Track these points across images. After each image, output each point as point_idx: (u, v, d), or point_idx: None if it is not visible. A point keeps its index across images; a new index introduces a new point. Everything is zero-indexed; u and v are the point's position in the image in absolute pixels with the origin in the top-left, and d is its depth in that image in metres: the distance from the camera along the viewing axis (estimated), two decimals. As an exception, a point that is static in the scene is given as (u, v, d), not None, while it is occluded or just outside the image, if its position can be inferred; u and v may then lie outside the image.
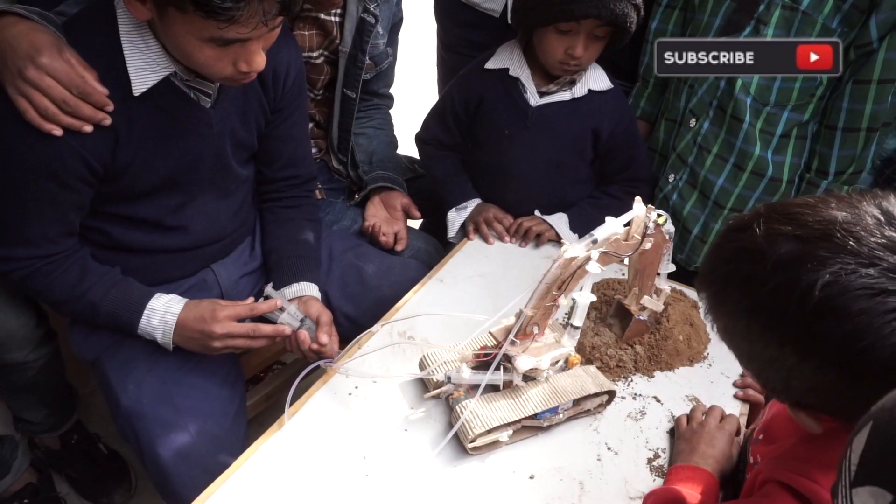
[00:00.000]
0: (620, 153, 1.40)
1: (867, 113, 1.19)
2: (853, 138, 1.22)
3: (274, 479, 0.87)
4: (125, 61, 0.95)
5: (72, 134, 0.93)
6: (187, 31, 0.88)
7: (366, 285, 1.34)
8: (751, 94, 1.23)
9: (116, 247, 1.12)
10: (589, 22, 1.20)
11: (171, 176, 1.08)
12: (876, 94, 1.17)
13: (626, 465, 0.94)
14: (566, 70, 1.29)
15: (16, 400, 1.40)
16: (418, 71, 2.46)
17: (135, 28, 0.95)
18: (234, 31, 0.86)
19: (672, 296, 1.23)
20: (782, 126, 1.25)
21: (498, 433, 0.90)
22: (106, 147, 0.98)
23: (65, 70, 0.89)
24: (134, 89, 0.96)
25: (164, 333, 1.07)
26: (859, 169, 1.25)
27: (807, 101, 1.23)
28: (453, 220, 1.42)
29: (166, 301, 1.08)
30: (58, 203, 1.00)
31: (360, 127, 1.59)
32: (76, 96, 0.90)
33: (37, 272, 1.04)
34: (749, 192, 1.30)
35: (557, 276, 0.87)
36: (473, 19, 1.72)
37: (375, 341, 1.09)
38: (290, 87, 1.19)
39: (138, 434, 1.08)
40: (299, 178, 1.31)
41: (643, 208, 0.95)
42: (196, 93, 1.04)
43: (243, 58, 0.92)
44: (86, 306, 1.07)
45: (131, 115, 0.98)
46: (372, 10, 1.40)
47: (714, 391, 1.08)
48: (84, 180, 0.99)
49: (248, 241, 1.34)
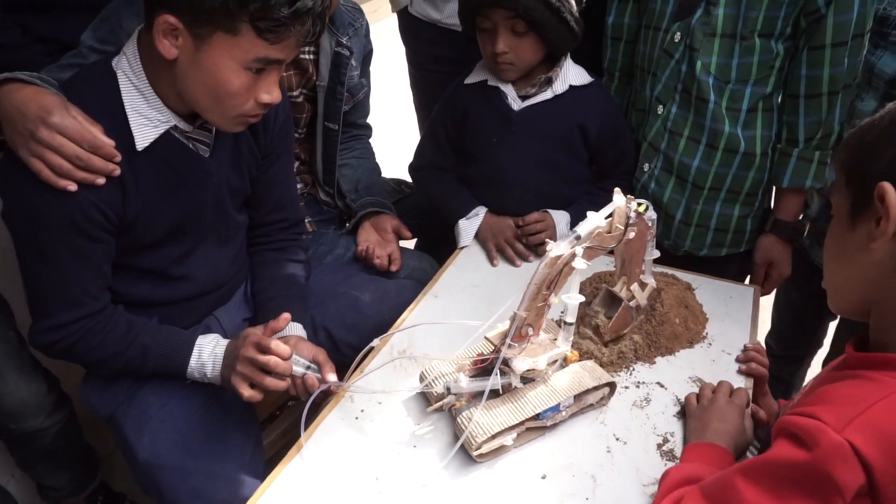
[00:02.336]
0: (612, 148, 1.42)
1: (825, 77, 1.21)
2: (816, 104, 1.23)
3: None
4: (127, 118, 0.99)
5: (85, 188, 0.96)
6: (229, 55, 0.92)
7: (364, 313, 1.35)
8: (712, 73, 1.24)
9: (124, 301, 1.14)
10: (497, 15, 1.23)
11: (176, 225, 1.11)
12: (831, 57, 1.19)
13: (637, 453, 0.94)
14: (501, 70, 1.32)
15: (37, 468, 1.41)
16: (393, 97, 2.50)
17: (135, 85, 0.99)
18: (278, 50, 0.94)
19: (664, 280, 1.24)
20: (747, 101, 1.26)
21: (502, 438, 0.90)
22: (116, 199, 1.01)
23: (75, 127, 0.92)
24: (137, 144, 1.00)
25: (213, 366, 1.08)
26: (828, 133, 1.26)
27: (767, 73, 1.24)
28: (465, 228, 1.43)
29: (213, 337, 1.11)
30: (91, 257, 1.03)
31: (343, 159, 1.61)
32: (87, 151, 0.93)
33: (88, 333, 1.06)
34: (725, 168, 1.31)
35: (546, 275, 0.89)
36: (438, 36, 1.76)
37: (377, 361, 1.11)
38: (278, 131, 1.22)
39: (158, 484, 1.10)
40: (287, 222, 1.34)
41: (623, 199, 0.96)
42: (195, 143, 1.08)
43: (265, 88, 0.98)
44: (136, 353, 1.09)
45: (136, 169, 1.02)
46: (345, 42, 1.44)
47: (717, 369, 1.09)
48: (106, 230, 1.02)
49: (245, 287, 1.36)
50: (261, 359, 0.99)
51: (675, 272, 1.31)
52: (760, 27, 1.19)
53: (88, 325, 1.06)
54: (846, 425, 0.61)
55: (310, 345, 1.15)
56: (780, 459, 0.66)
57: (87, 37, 1.17)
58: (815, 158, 1.28)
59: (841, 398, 0.66)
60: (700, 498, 0.72)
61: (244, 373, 1.02)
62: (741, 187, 1.33)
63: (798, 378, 1.75)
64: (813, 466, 0.63)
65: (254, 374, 1.01)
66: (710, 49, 1.23)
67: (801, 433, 0.64)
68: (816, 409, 0.64)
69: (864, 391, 0.65)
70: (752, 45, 1.21)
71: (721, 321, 1.20)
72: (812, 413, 0.64)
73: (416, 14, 1.80)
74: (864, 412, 0.62)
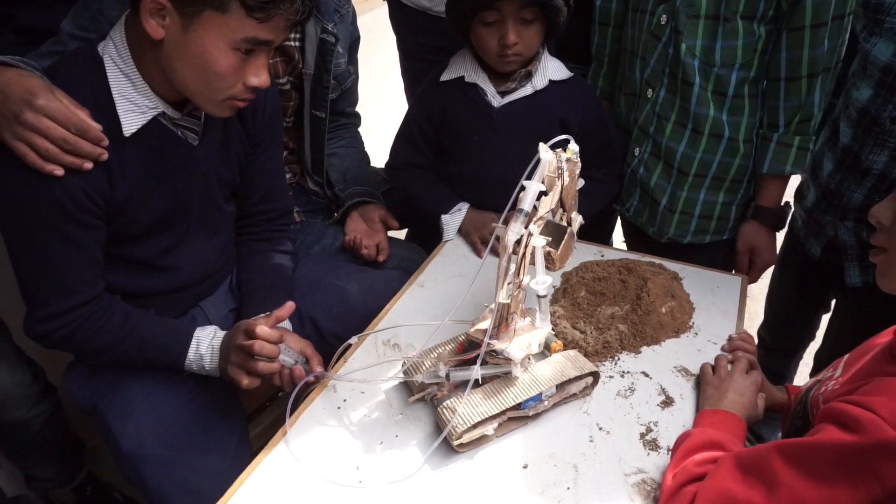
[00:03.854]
0: (594, 139, 1.41)
1: (805, 59, 1.20)
2: (796, 87, 1.23)
3: (273, 499, 0.88)
4: (114, 103, 0.97)
5: (72, 173, 0.94)
6: (219, 34, 0.91)
7: (350, 304, 1.34)
8: (697, 56, 1.23)
9: (109, 291, 1.12)
10: (509, 6, 1.20)
11: (164, 215, 1.10)
12: (811, 39, 1.18)
13: (619, 442, 0.94)
14: (508, 62, 1.28)
15: (24, 458, 1.41)
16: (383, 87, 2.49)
17: (122, 70, 0.98)
18: (267, 30, 0.93)
19: (651, 270, 1.24)
20: (733, 86, 1.25)
21: (483, 427, 0.90)
22: (104, 185, 0.99)
23: (61, 109, 0.90)
24: (124, 130, 0.98)
25: (212, 358, 1.08)
26: (807, 116, 1.25)
27: (751, 57, 1.23)
28: (447, 222, 1.42)
29: (211, 329, 1.10)
30: (83, 243, 1.01)
31: (331, 147, 1.60)
32: (74, 134, 0.91)
33: (86, 321, 1.04)
34: (710, 155, 1.31)
35: (509, 263, 0.88)
36: (427, 24, 1.74)
37: (360, 351, 1.10)
38: (267, 120, 1.21)
39: (142, 475, 1.09)
40: (275, 212, 1.33)
41: (549, 153, 0.94)
42: (183, 131, 1.06)
43: (254, 71, 0.97)
44: (133, 344, 1.08)
45: (123, 156, 1.00)
46: (330, 29, 1.42)
47: (702, 359, 1.08)
48: (96, 215, 1.00)
49: (231, 277, 1.35)
50: (247, 343, 0.99)
51: (664, 262, 1.30)
52: (743, 9, 1.18)
53: (85, 313, 1.04)
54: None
55: (297, 337, 1.14)
56: (825, 443, 0.66)
57: (68, 24, 1.15)
58: (794, 144, 1.27)
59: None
60: (734, 468, 0.73)
61: (237, 361, 1.02)
62: (726, 174, 1.33)
63: (791, 371, 1.74)
64: (861, 455, 0.63)
65: (245, 361, 1.01)
66: (695, 32, 1.22)
67: (853, 423, 0.64)
68: (872, 401, 0.64)
69: None
70: (735, 28, 1.20)
71: (708, 311, 1.19)
72: (867, 404, 0.64)
73: (406, 2, 1.78)
74: None
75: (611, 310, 1.15)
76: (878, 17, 1.24)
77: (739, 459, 0.74)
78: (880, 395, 0.65)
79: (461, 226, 1.42)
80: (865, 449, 0.62)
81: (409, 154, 1.47)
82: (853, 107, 1.32)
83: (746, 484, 0.70)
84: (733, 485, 0.71)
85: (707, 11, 1.20)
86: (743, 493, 0.70)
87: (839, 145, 1.34)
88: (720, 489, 0.72)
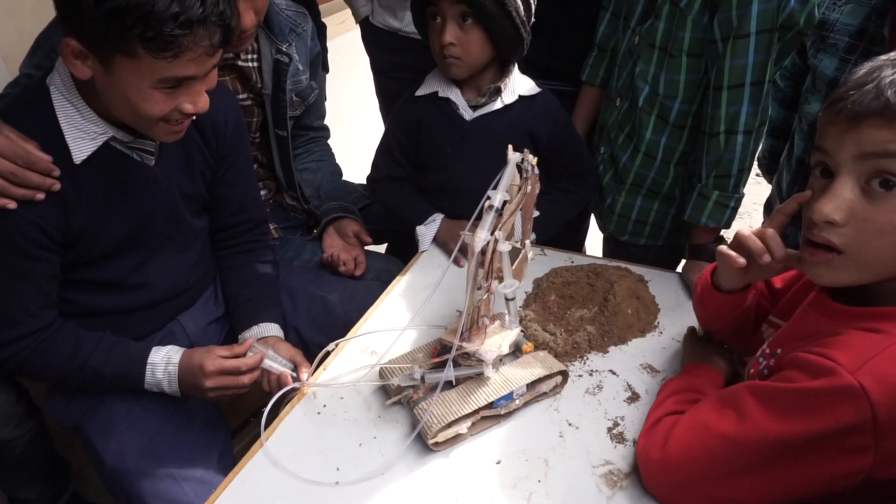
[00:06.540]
0: (563, 152, 1.46)
1: (723, 116, 1.21)
2: (715, 142, 1.24)
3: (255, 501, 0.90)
4: (62, 132, 0.99)
5: (24, 205, 0.97)
6: (137, 77, 0.91)
7: (332, 314, 1.38)
8: (647, 81, 1.31)
9: (83, 313, 1.15)
10: (446, 4, 1.25)
11: (127, 235, 1.12)
12: (728, 99, 1.20)
13: (588, 437, 0.98)
14: (448, 64, 1.32)
15: (8, 479, 1.41)
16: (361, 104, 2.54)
17: (68, 100, 0.99)
18: (182, 66, 0.91)
19: (618, 273, 1.29)
20: (674, 116, 1.32)
21: (457, 426, 0.94)
22: (58, 215, 1.02)
23: (6, 144, 0.93)
24: (74, 157, 1.00)
25: (169, 384, 1.12)
26: (723, 173, 1.25)
27: (694, 93, 1.28)
28: (423, 233, 1.47)
29: (165, 353, 1.13)
30: (30, 276, 1.04)
31: (303, 163, 1.63)
32: (22, 167, 0.94)
33: (32, 352, 1.07)
34: (645, 170, 1.41)
35: (477, 268, 0.92)
36: (399, 44, 1.80)
37: (340, 358, 1.14)
38: (230, 134, 1.23)
39: (126, 490, 1.11)
40: (251, 223, 1.36)
41: (517, 155, 0.97)
42: (138, 153, 1.09)
43: (188, 99, 0.97)
44: (90, 375, 1.10)
45: (77, 183, 1.02)
46: (284, 50, 1.44)
47: (666, 355, 1.13)
48: (47, 248, 1.03)
49: (212, 289, 1.38)
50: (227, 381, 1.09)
51: (629, 266, 1.35)
52: (688, 47, 1.23)
53: (30, 343, 1.06)
54: (859, 368, 0.69)
55: (288, 345, 1.18)
56: (791, 387, 0.74)
57: (24, 65, 1.18)
58: (712, 198, 1.27)
59: (852, 345, 0.72)
60: (716, 401, 0.83)
61: (214, 397, 1.11)
62: (660, 188, 1.42)
63: None
64: (819, 397, 0.70)
65: (229, 383, 1.09)
66: (649, 59, 1.30)
67: (815, 369, 0.72)
68: (831, 352, 0.72)
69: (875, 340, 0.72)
70: (678, 63, 1.25)
71: (672, 311, 1.25)
72: (826, 354, 0.72)
73: (377, 24, 1.84)
74: (873, 358, 0.69)
75: (580, 312, 1.19)
76: (824, 33, 1.32)
77: (719, 395, 0.84)
78: (837, 349, 0.72)
79: (436, 236, 1.46)
80: (823, 394, 0.70)
81: (389, 167, 1.52)
82: (805, 120, 1.39)
83: (721, 415, 0.80)
84: (709, 415, 0.81)
85: (661, 43, 1.27)
86: (715, 422, 0.80)
87: (794, 157, 1.41)
88: (698, 419, 0.83)
